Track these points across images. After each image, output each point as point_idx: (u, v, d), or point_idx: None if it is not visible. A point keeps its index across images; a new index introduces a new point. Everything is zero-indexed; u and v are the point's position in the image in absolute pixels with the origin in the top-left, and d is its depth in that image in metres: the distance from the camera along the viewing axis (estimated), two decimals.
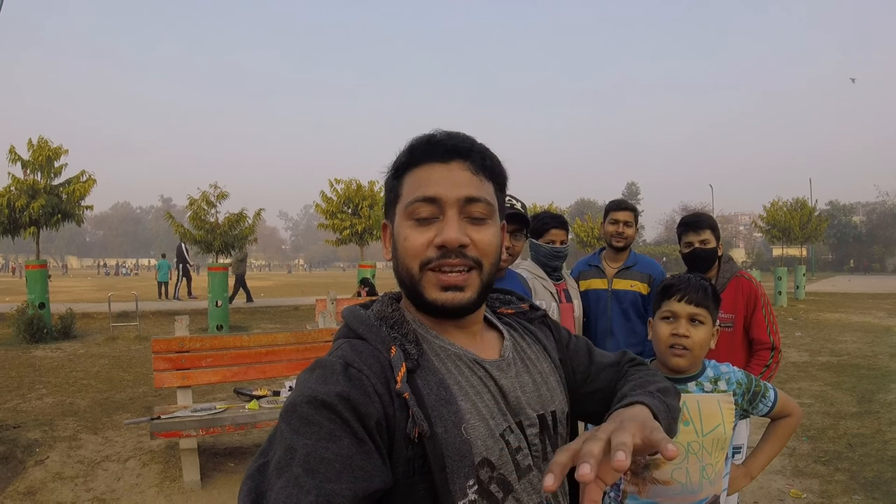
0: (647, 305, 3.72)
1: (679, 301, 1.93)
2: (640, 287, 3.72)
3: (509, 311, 1.31)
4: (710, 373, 2.02)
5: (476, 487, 0.98)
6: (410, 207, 1.05)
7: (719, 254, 3.31)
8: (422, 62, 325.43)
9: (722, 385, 1.99)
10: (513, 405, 1.09)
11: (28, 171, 14.65)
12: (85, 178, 15.49)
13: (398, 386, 0.96)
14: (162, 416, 4.73)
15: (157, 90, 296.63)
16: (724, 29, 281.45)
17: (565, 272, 3.76)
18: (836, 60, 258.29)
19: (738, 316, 3.22)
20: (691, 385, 1.98)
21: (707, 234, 3.24)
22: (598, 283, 3.78)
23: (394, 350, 1.01)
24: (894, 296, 24.67)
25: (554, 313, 3.35)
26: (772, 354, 3.16)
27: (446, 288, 1.04)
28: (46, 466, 5.18)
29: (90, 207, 15.95)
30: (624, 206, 3.83)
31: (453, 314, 1.07)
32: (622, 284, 3.74)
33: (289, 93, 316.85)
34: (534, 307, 1.34)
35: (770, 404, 2.02)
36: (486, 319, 1.23)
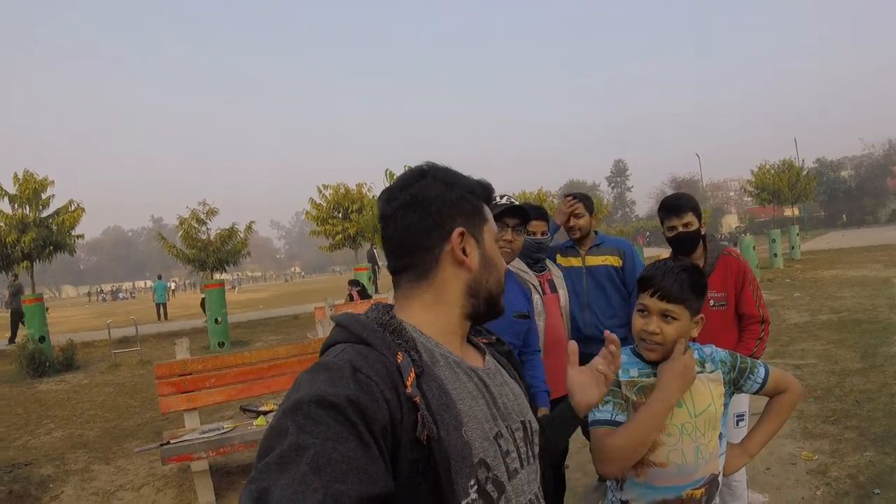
0: (625, 278, 4.00)
1: (652, 296, 1.90)
2: (612, 260, 4.00)
3: (484, 340, 1.38)
4: (694, 356, 1.97)
5: (476, 487, 1.03)
6: (500, 242, 1.32)
7: (703, 233, 3.33)
8: (413, 62, 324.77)
9: (708, 366, 1.98)
10: (502, 410, 1.17)
11: (16, 206, 14.62)
12: (74, 208, 15.49)
13: (409, 390, 1.00)
14: (171, 441, 4.73)
15: (142, 106, 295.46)
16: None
17: (549, 262, 3.84)
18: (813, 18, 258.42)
19: (729, 294, 3.26)
20: None
21: (689, 217, 3.24)
22: (574, 262, 4.08)
23: (400, 356, 1.04)
24: (889, 247, 24.68)
25: (537, 305, 3.37)
26: (762, 327, 3.22)
27: None
28: (62, 501, 5.19)
29: (81, 236, 15.96)
30: (574, 198, 4.12)
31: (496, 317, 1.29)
32: (594, 261, 4.03)
33: (274, 99, 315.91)
34: (500, 341, 1.43)
35: (760, 381, 2.01)
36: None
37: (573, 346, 1.54)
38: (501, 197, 2.78)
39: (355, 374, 0.98)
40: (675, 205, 3.30)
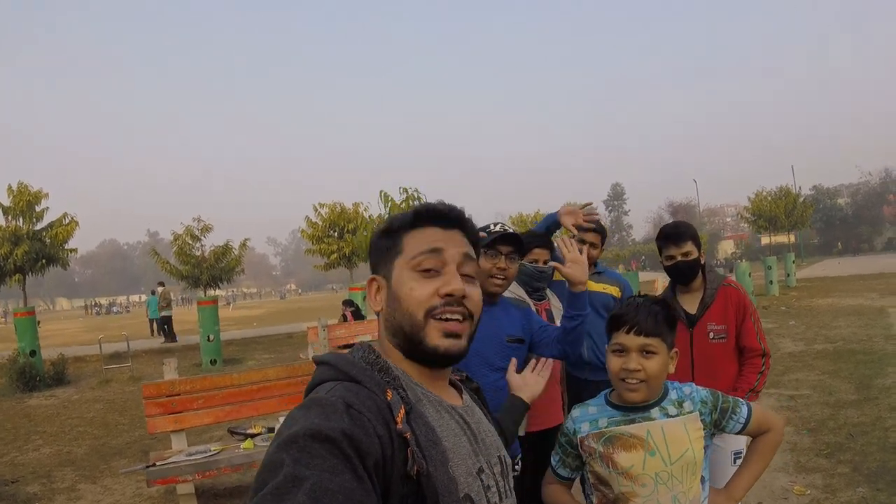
0: None
1: (628, 333, 1.84)
2: (613, 290, 3.91)
3: (456, 377, 1.38)
4: (673, 395, 1.93)
5: None
6: (416, 260, 1.18)
7: (702, 262, 3.28)
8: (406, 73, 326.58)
9: (687, 406, 1.90)
10: (482, 446, 1.20)
11: (10, 218, 14.59)
12: (67, 221, 15.45)
13: (399, 426, 1.02)
14: (157, 463, 4.67)
15: (139, 119, 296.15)
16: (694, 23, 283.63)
17: (549, 292, 3.77)
18: (812, 43, 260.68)
19: (729, 326, 3.20)
20: (654, 411, 1.89)
21: (689, 246, 3.19)
22: None
23: (390, 394, 1.07)
24: (885, 275, 24.75)
25: None
26: (763, 360, 3.17)
27: (448, 335, 1.16)
28: None
29: (74, 251, 15.90)
30: (593, 229, 3.92)
31: (449, 361, 1.19)
32: (594, 287, 3.82)
33: (272, 116, 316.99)
34: (469, 378, 1.45)
35: (743, 420, 1.94)
36: None
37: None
38: (496, 224, 2.75)
39: (348, 410, 0.99)
40: (673, 233, 3.24)
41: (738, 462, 3.12)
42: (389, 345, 1.23)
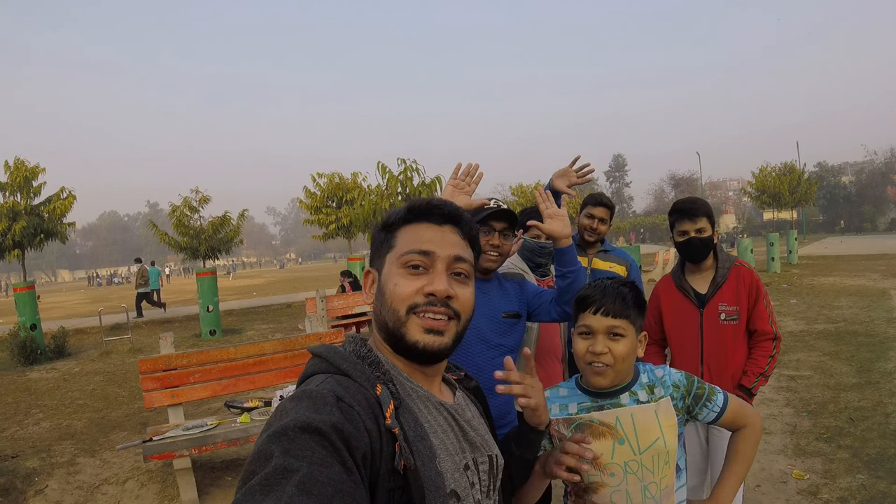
0: None
1: (595, 314, 1.75)
2: (619, 269, 3.83)
3: (452, 376, 1.41)
4: (644, 379, 1.84)
5: None
6: (405, 257, 1.19)
7: (715, 241, 3.17)
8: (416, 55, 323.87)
9: (659, 391, 1.81)
10: (470, 444, 1.22)
11: (7, 194, 14.51)
12: (65, 195, 15.37)
13: (388, 421, 1.04)
14: (154, 438, 4.66)
15: (138, 90, 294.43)
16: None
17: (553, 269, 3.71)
18: (821, 16, 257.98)
19: (742, 308, 3.08)
20: (624, 397, 1.80)
21: (703, 223, 3.07)
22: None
23: (379, 388, 1.08)
24: (887, 257, 24.58)
25: None
26: (774, 344, 3.08)
27: (429, 331, 1.16)
28: (46, 496, 5.11)
29: (72, 224, 15.85)
30: (602, 203, 3.86)
31: (430, 358, 1.19)
32: (601, 265, 3.83)
33: (275, 87, 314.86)
34: (468, 377, 1.46)
35: (718, 410, 1.84)
36: None
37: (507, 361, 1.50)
38: (490, 200, 2.70)
39: (339, 403, 1.00)
40: (689, 209, 3.10)
41: None
42: (380, 339, 1.24)
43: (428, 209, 1.25)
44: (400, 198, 13.51)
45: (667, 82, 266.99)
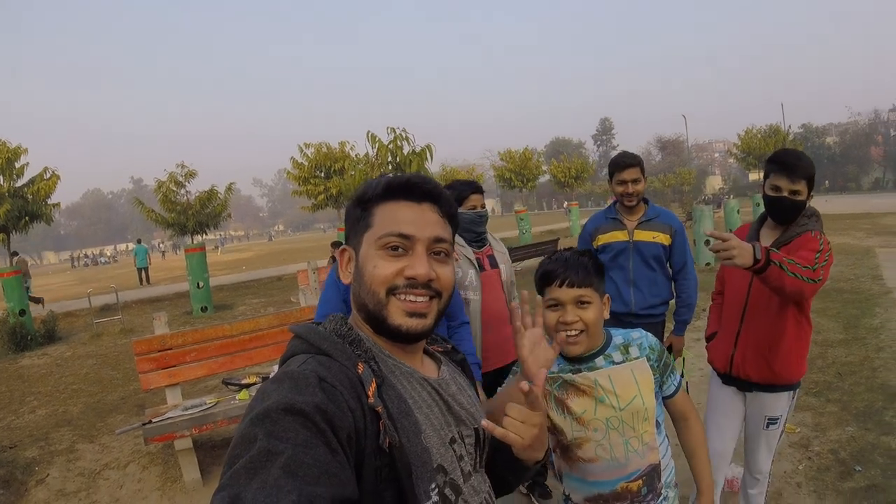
0: (672, 257, 3.81)
1: (561, 286, 1.84)
2: (663, 238, 3.75)
3: (438, 349, 1.40)
4: (618, 341, 1.95)
5: (436, 490, 1.09)
6: (384, 239, 1.16)
7: (805, 207, 2.86)
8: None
9: (634, 351, 1.94)
10: (455, 418, 1.22)
11: None
12: (49, 176, 15.16)
13: (371, 400, 1.03)
14: (153, 420, 4.61)
15: (118, 66, 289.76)
16: None
17: (490, 236, 3.78)
18: None
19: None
20: (599, 360, 1.91)
21: (801, 185, 2.76)
22: (619, 235, 3.80)
23: (361, 367, 1.08)
24: (871, 216, 24.73)
25: (472, 280, 3.42)
26: (807, 276, 2.46)
27: (412, 314, 1.15)
28: (48, 485, 5.08)
29: (57, 205, 15.65)
30: (628, 164, 3.69)
31: (414, 339, 1.18)
32: (644, 236, 3.75)
33: (257, 60, 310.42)
34: (455, 349, 1.46)
35: (675, 386, 2.00)
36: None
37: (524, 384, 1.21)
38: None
39: (321, 383, 0.99)
40: (792, 165, 2.74)
41: (772, 427, 2.89)
42: (360, 318, 1.23)
43: (407, 186, 1.21)
44: (391, 167, 13.34)
45: (653, 46, 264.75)
